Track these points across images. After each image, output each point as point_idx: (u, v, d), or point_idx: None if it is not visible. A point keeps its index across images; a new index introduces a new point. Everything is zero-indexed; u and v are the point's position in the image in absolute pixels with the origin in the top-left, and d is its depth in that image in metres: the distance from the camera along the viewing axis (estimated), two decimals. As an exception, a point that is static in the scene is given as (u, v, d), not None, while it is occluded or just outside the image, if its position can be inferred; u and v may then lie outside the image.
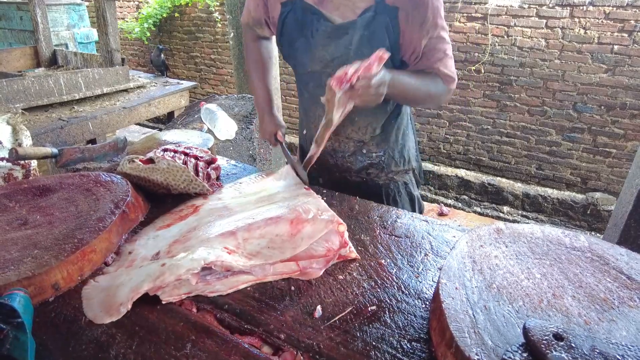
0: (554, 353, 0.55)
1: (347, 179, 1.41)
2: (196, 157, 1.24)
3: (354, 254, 0.95)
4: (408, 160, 1.43)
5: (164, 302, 0.78)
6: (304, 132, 1.47)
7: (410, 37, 1.13)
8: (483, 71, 4.07)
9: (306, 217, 0.97)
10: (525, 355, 0.58)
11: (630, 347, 0.58)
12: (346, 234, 0.96)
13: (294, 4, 1.19)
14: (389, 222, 1.11)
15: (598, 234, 3.69)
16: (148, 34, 6.16)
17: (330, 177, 1.44)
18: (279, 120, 1.42)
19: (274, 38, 1.46)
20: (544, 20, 3.68)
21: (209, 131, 2.77)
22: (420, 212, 1.49)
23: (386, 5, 1.09)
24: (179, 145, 1.31)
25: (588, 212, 3.83)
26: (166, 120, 4.10)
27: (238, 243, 0.89)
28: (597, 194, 3.83)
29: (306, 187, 1.20)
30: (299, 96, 1.45)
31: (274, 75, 4.08)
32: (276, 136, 1.40)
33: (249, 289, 0.85)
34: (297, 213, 0.98)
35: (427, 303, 0.82)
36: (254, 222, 0.94)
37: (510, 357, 0.58)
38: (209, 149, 1.43)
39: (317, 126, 1.32)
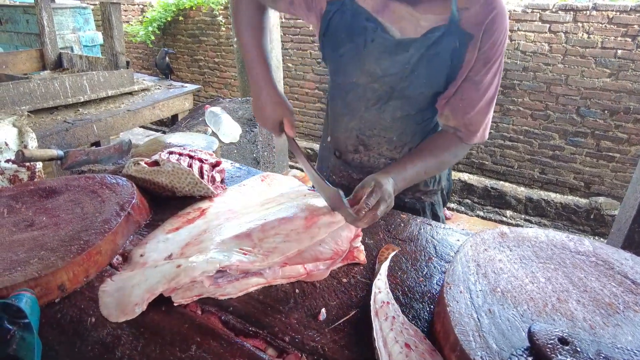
0: (560, 357, 0.55)
1: None
2: (201, 160, 1.25)
3: (363, 255, 0.96)
4: (438, 180, 1.30)
5: (176, 304, 0.79)
6: (328, 139, 1.32)
7: (468, 65, 1.01)
8: (486, 75, 4.07)
9: (320, 211, 0.96)
10: (530, 359, 0.58)
11: (636, 352, 0.58)
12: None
13: (343, 4, 1.04)
14: (393, 226, 1.11)
15: (602, 239, 3.67)
16: (152, 38, 6.20)
17: (341, 186, 1.30)
18: (286, 102, 1.10)
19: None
20: (547, 25, 3.68)
21: (213, 134, 2.79)
22: None
23: (460, 29, 0.96)
24: (183, 148, 1.31)
25: (591, 217, 3.81)
26: (170, 123, 4.12)
27: (254, 243, 0.89)
28: (601, 199, 3.82)
29: (311, 188, 1.20)
30: (330, 101, 1.29)
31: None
32: (282, 126, 1.10)
33: (253, 291, 0.85)
34: (311, 209, 0.98)
35: (432, 306, 0.82)
36: (267, 222, 0.94)
37: (515, 361, 0.58)
38: (213, 151, 1.43)
39: (346, 138, 1.23)
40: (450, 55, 0.99)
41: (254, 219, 0.98)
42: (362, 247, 0.98)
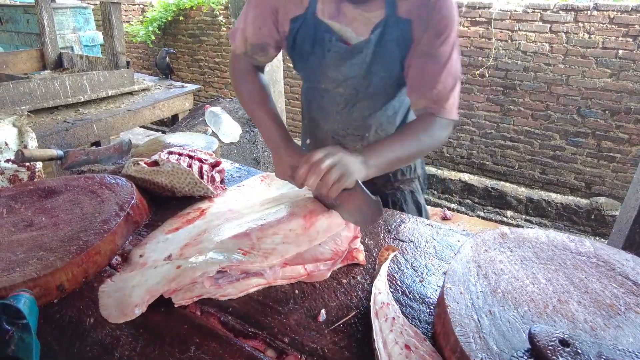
0: (560, 359, 0.55)
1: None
2: (200, 160, 1.25)
3: (362, 256, 0.95)
4: (414, 167, 1.40)
5: (176, 305, 0.78)
6: (308, 141, 1.40)
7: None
8: (487, 75, 4.06)
9: (320, 211, 0.97)
10: (531, 361, 0.58)
11: (637, 353, 0.57)
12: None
13: (304, 18, 1.11)
14: (393, 227, 1.10)
15: (602, 239, 3.66)
16: (153, 37, 6.20)
17: None
18: (297, 147, 1.09)
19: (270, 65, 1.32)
20: (548, 25, 3.68)
21: (213, 134, 2.78)
22: (427, 218, 1.47)
23: (398, 18, 1.02)
24: (183, 148, 1.31)
25: (592, 217, 3.81)
26: (170, 123, 4.12)
27: (253, 243, 0.88)
28: (602, 199, 3.81)
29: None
30: (305, 106, 1.35)
31: (278, 79, 4.06)
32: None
33: (253, 292, 0.85)
34: (310, 208, 0.98)
35: (432, 308, 0.82)
36: (266, 222, 0.94)
37: (515, 363, 0.57)
38: (213, 151, 1.43)
39: (323, 139, 1.29)
40: (397, 44, 1.05)
41: (253, 219, 0.98)
42: (362, 248, 0.98)
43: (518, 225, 3.90)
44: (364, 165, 0.91)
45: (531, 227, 2.02)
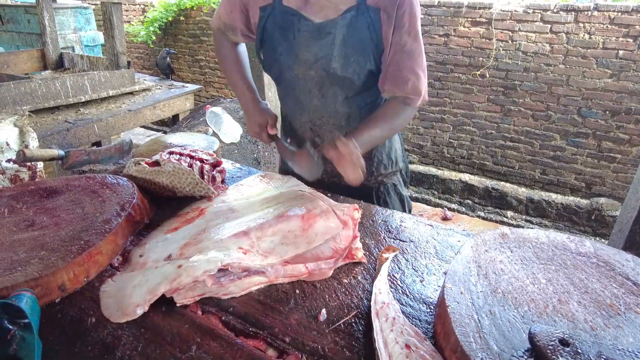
0: (560, 359, 0.55)
1: (336, 183, 1.39)
2: (201, 160, 1.25)
3: (361, 253, 0.96)
4: (396, 161, 1.44)
5: (178, 305, 0.79)
6: (288, 140, 1.45)
7: (388, 38, 1.14)
8: (487, 76, 4.07)
9: (317, 212, 0.98)
10: (531, 360, 0.58)
11: (637, 353, 0.57)
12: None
13: (273, 8, 1.18)
14: (393, 226, 1.11)
15: (603, 240, 3.66)
16: (153, 38, 6.20)
17: (319, 181, 1.36)
18: (266, 108, 1.29)
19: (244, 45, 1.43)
20: (549, 25, 3.68)
21: (214, 134, 2.79)
22: (409, 211, 1.50)
23: (368, 6, 1.10)
24: (184, 148, 1.31)
25: (592, 218, 3.81)
26: (171, 123, 4.12)
27: (252, 242, 0.89)
28: (602, 200, 3.81)
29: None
30: (281, 105, 1.42)
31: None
32: (267, 129, 1.26)
33: (254, 292, 0.85)
34: (308, 208, 0.99)
35: (432, 307, 0.82)
36: (265, 221, 0.95)
37: (516, 363, 0.58)
38: (214, 152, 1.43)
39: (302, 132, 1.36)
40: (368, 31, 1.12)
41: (253, 218, 0.98)
42: (360, 246, 0.98)
43: (518, 226, 3.90)
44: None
45: (531, 228, 2.03)
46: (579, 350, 0.57)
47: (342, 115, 1.28)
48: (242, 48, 1.42)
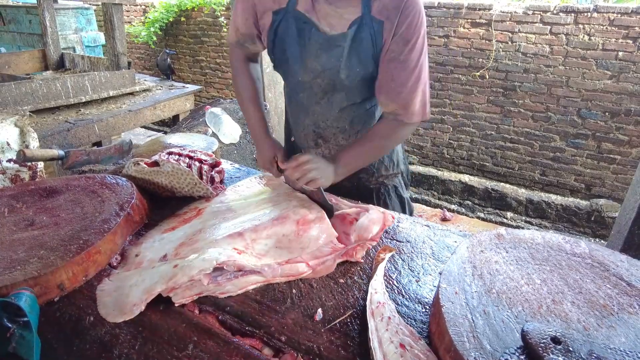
0: (552, 356, 0.56)
1: (338, 184, 1.38)
2: (200, 161, 1.26)
3: (362, 254, 0.97)
4: (397, 163, 1.44)
5: (176, 304, 0.79)
6: (292, 139, 1.46)
7: (387, 46, 1.11)
8: (487, 77, 4.07)
9: (312, 218, 0.98)
10: (522, 357, 0.58)
11: (628, 352, 0.58)
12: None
13: (286, 12, 1.17)
14: (390, 227, 1.11)
15: (602, 241, 3.67)
16: (154, 38, 6.21)
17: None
18: (275, 141, 1.26)
19: (261, 56, 1.40)
20: (548, 27, 3.68)
21: (214, 135, 2.79)
22: (410, 213, 1.50)
23: (372, 17, 1.08)
24: (183, 149, 1.32)
25: (592, 219, 3.81)
26: (171, 124, 4.13)
27: (247, 243, 0.90)
28: (601, 201, 3.81)
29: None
30: (287, 104, 1.42)
31: (279, 80, 4.11)
32: (276, 162, 1.22)
33: (250, 291, 0.86)
34: (303, 213, 1.00)
35: (427, 307, 0.83)
36: (260, 223, 0.96)
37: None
38: (213, 152, 1.44)
39: (306, 134, 1.36)
40: (372, 42, 1.10)
41: (249, 219, 0.99)
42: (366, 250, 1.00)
43: (518, 227, 3.91)
44: (334, 174, 1.11)
45: (531, 229, 2.03)
46: (571, 349, 0.57)
47: (345, 119, 1.28)
48: (257, 69, 1.40)
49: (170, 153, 1.26)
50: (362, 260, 0.96)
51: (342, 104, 1.24)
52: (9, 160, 1.77)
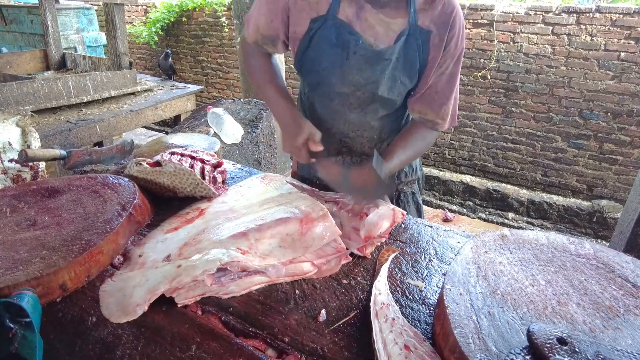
0: (557, 357, 0.55)
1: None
2: (202, 161, 1.25)
3: (370, 250, 0.98)
4: (415, 169, 1.44)
5: (179, 305, 0.79)
6: None
7: (436, 60, 1.10)
8: (489, 77, 4.07)
9: (315, 216, 0.98)
10: (528, 358, 0.58)
11: (635, 354, 0.58)
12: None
13: (325, 19, 1.08)
14: (394, 228, 1.11)
15: (604, 242, 3.66)
16: (156, 38, 6.22)
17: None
18: (308, 121, 1.12)
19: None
20: (550, 27, 3.68)
21: (215, 135, 2.79)
22: (422, 217, 1.50)
23: (420, 28, 1.06)
24: (185, 149, 1.32)
25: (594, 220, 3.80)
26: (172, 124, 4.13)
27: (250, 244, 0.89)
28: (603, 202, 3.80)
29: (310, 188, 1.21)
30: (308, 110, 1.33)
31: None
32: (308, 146, 1.09)
33: (254, 292, 0.85)
34: (307, 212, 0.99)
35: (432, 308, 0.82)
36: (264, 223, 0.95)
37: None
38: (215, 152, 1.44)
39: (329, 143, 1.24)
40: (418, 54, 1.09)
41: (252, 219, 0.99)
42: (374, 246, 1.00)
43: (520, 228, 3.90)
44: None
45: (533, 230, 2.03)
46: (577, 349, 0.57)
47: (377, 129, 1.26)
48: (275, 59, 1.32)
49: (172, 153, 1.26)
50: (370, 256, 0.96)
51: (377, 114, 1.22)
52: (11, 160, 1.77)
